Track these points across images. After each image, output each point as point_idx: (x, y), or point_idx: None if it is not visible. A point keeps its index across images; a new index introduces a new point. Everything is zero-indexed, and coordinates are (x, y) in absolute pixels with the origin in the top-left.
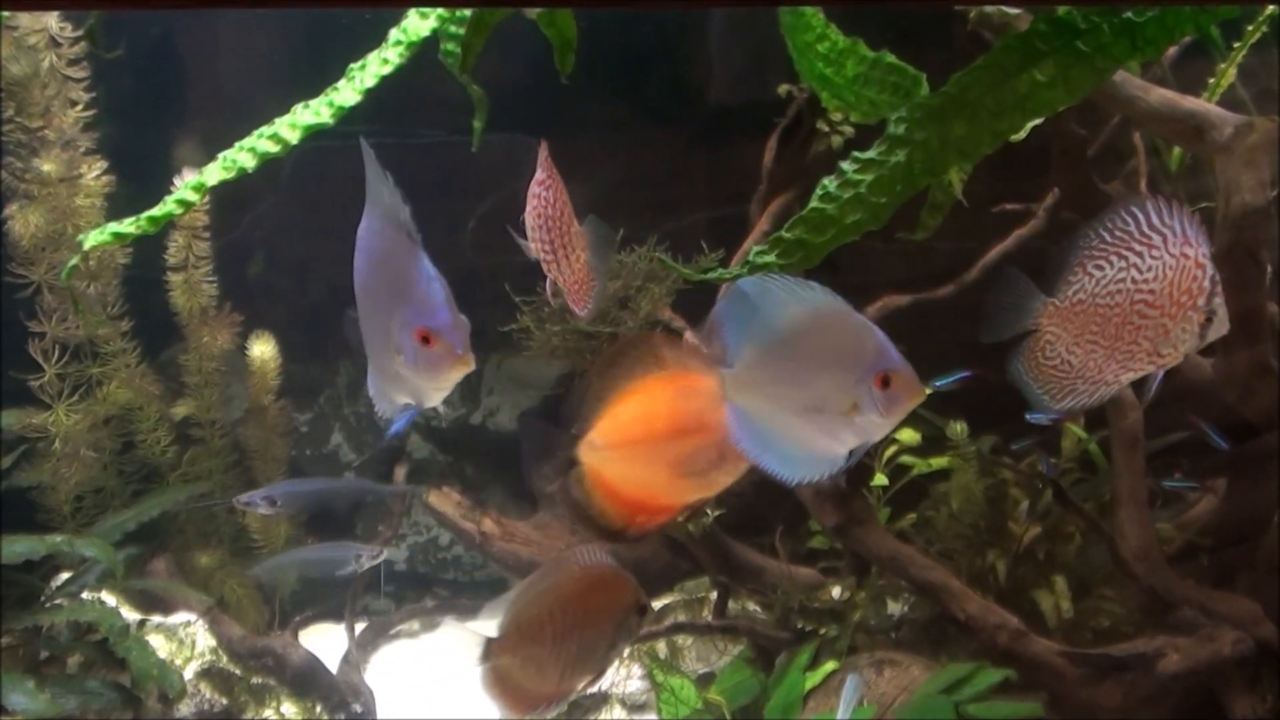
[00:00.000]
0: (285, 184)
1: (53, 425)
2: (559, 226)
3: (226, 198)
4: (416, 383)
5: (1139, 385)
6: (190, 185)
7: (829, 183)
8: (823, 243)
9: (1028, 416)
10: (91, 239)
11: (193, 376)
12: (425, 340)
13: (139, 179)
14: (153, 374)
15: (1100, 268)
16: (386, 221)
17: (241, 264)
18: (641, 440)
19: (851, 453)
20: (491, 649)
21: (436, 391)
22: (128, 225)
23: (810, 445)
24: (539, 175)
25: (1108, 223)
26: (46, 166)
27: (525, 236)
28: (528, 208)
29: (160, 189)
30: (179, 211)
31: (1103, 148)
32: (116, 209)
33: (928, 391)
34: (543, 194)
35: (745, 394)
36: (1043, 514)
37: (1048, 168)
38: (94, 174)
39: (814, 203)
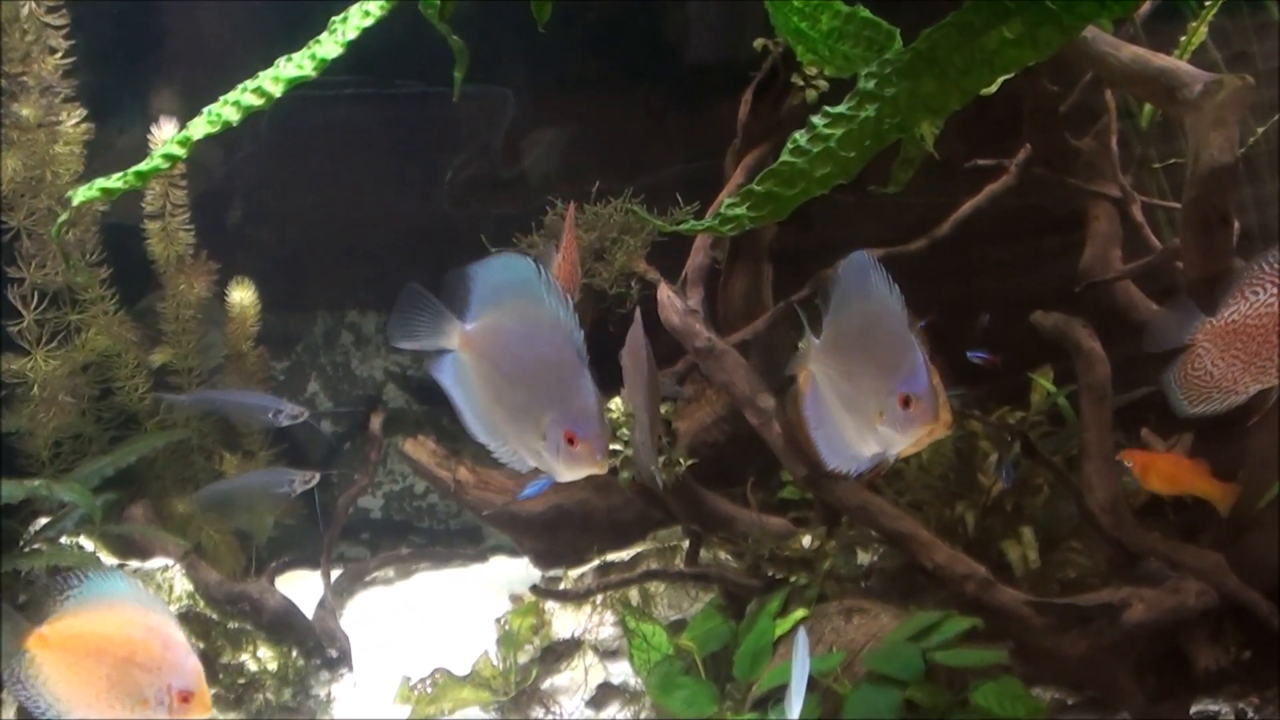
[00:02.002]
0: (264, 131)
1: (31, 371)
2: (574, 275)
3: (204, 145)
4: (551, 463)
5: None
6: (176, 140)
7: (799, 137)
8: (792, 196)
9: (968, 355)
10: (80, 195)
11: (170, 324)
12: (571, 441)
13: (118, 127)
14: (130, 321)
15: (1255, 293)
16: (556, 334)
17: (219, 212)
18: None
19: (872, 457)
20: None
21: (568, 475)
22: (115, 180)
23: (846, 436)
24: (571, 231)
25: (1270, 256)
26: (25, 111)
27: None
28: (559, 260)
29: (138, 137)
30: (166, 166)
31: (1075, 105)
32: (95, 156)
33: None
34: (566, 252)
35: (818, 366)
36: (1013, 464)
37: (1020, 124)
38: (73, 121)
39: (784, 156)
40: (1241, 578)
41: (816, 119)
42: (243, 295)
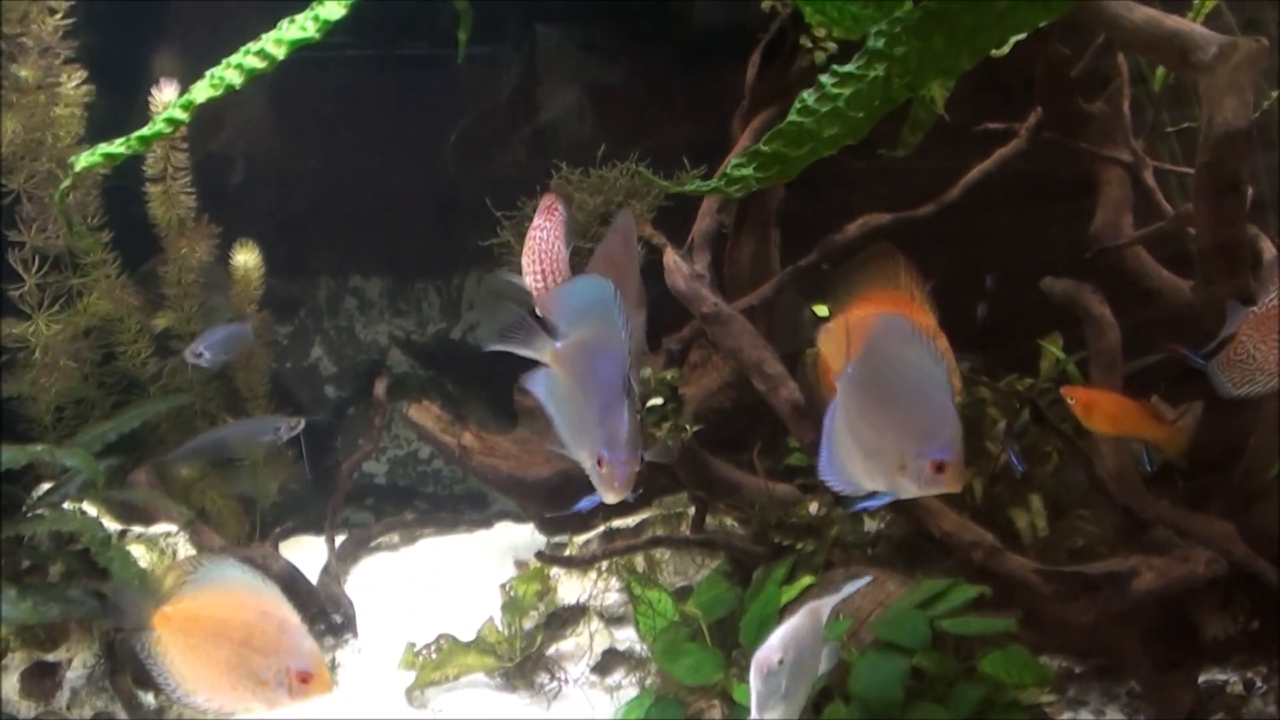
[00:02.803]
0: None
1: (33, 335)
2: (550, 257)
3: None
4: (594, 480)
5: None
6: (179, 103)
7: (807, 96)
8: (800, 156)
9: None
10: (83, 160)
11: (172, 288)
12: (600, 463)
13: (118, 89)
14: (133, 285)
15: None
16: (612, 358)
17: (221, 176)
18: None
19: (873, 495)
20: None
21: (604, 496)
22: (118, 146)
23: (851, 467)
24: (536, 220)
25: None
26: (24, 73)
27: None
28: (525, 246)
29: (139, 100)
30: (169, 131)
31: (1086, 69)
32: (95, 119)
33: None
34: (537, 235)
35: (842, 395)
36: (1020, 433)
37: (1032, 88)
38: (73, 83)
39: (792, 116)
40: (1251, 546)
41: (825, 78)
42: (247, 258)
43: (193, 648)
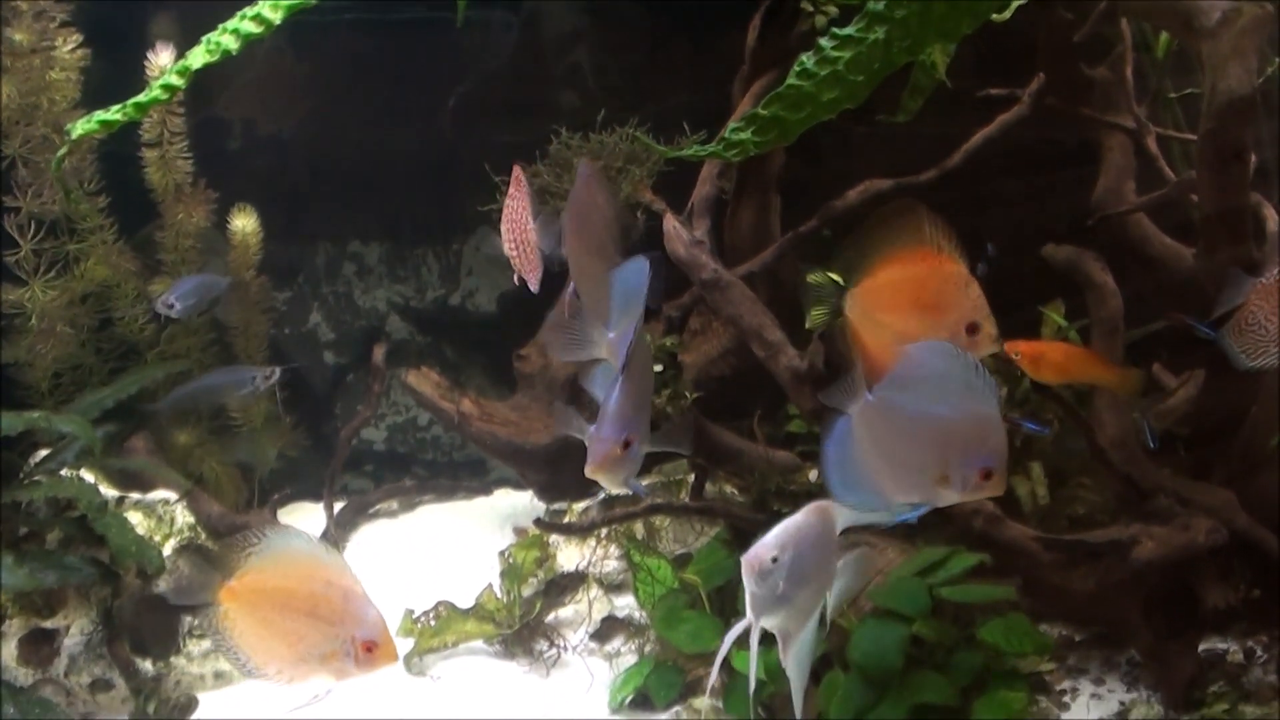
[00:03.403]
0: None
1: (29, 301)
2: (519, 227)
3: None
4: None
5: None
6: (175, 70)
7: (806, 59)
8: (798, 120)
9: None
10: (79, 128)
11: (169, 254)
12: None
13: (114, 53)
14: (130, 251)
15: None
16: (626, 339)
17: (218, 140)
18: (891, 309)
19: (912, 506)
20: None
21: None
22: (114, 113)
23: (875, 482)
24: (509, 191)
25: None
26: (19, 36)
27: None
28: (502, 219)
29: (135, 64)
30: (165, 98)
31: (1090, 35)
32: (91, 83)
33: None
34: (508, 205)
35: (862, 419)
36: (1021, 401)
37: (1034, 55)
38: (69, 47)
39: (790, 79)
40: (1252, 515)
41: (824, 41)
42: (245, 223)
43: (260, 621)
